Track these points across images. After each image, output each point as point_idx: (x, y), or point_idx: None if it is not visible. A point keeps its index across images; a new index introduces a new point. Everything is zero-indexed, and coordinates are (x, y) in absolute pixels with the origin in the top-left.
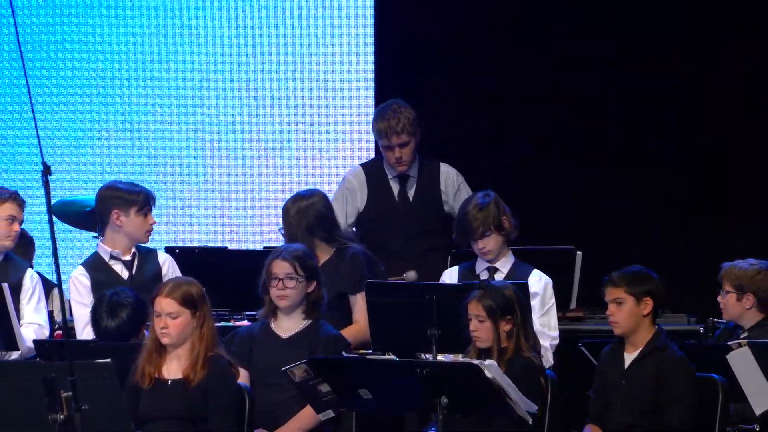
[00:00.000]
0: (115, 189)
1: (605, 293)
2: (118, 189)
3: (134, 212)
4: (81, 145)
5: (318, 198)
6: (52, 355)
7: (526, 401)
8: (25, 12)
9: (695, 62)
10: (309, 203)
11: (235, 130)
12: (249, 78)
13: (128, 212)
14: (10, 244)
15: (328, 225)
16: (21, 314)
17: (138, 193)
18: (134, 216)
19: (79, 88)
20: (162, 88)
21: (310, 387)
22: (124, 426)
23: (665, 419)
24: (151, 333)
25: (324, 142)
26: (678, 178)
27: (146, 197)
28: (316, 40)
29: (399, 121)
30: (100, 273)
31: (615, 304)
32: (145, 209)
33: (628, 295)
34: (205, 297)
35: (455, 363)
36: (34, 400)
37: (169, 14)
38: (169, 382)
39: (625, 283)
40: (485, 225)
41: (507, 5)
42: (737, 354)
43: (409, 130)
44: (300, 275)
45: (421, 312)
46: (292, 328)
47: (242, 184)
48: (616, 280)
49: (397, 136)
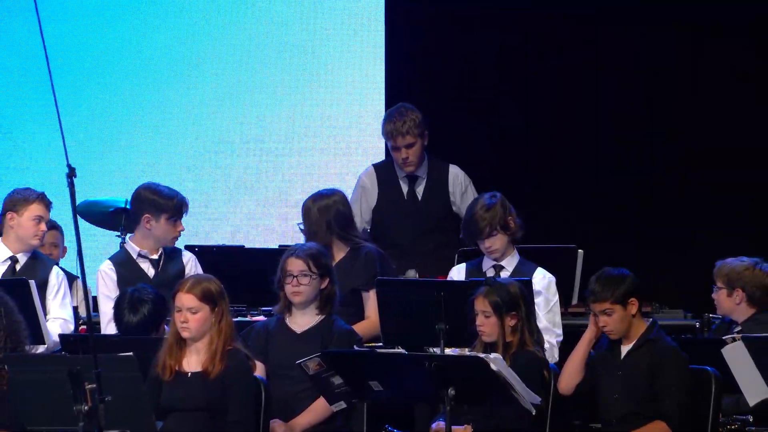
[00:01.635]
0: (151, 192)
1: (591, 307)
2: (154, 192)
3: (165, 219)
4: (104, 147)
5: (339, 197)
6: (76, 349)
7: (529, 393)
8: (50, 19)
9: (692, 68)
10: (330, 202)
11: (250, 135)
12: (265, 86)
13: (159, 218)
14: (37, 243)
15: (346, 224)
16: (47, 309)
17: (171, 200)
18: (164, 222)
19: (102, 93)
20: (182, 93)
21: (324, 379)
22: (145, 416)
23: (660, 406)
24: (172, 327)
25: (334, 146)
26: (675, 179)
27: (178, 205)
28: (331, 51)
29: (405, 123)
30: (127, 269)
31: (605, 315)
32: (176, 217)
33: (614, 304)
34: (224, 293)
35: (462, 356)
36: (60, 391)
37: (190, 21)
38: (189, 374)
39: (608, 294)
40: (492, 225)
41: (512, 17)
42: (731, 348)
43: (414, 132)
44: (314, 272)
45: (429, 307)
46: (306, 323)
47: (257, 185)
48: (598, 294)
49: (403, 137)
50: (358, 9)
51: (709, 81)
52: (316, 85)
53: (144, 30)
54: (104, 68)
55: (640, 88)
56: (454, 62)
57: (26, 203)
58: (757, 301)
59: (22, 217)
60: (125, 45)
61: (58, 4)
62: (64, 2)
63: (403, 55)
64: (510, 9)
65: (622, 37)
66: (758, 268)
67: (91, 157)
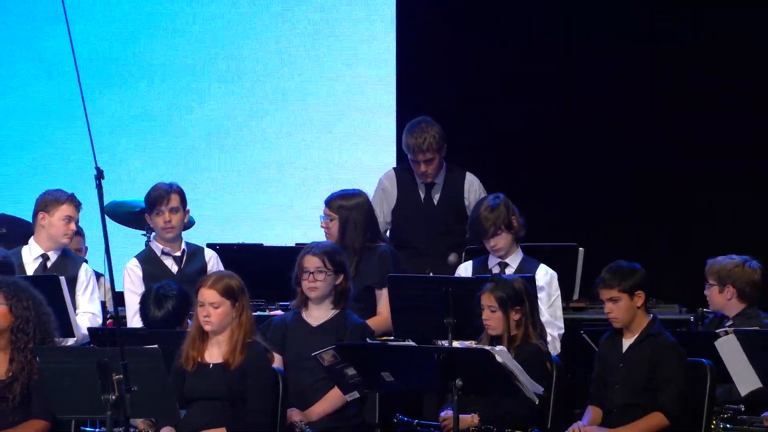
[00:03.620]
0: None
1: (600, 293)
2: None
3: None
4: (130, 150)
5: (364, 198)
6: (104, 342)
7: (533, 383)
8: (79, 26)
9: (693, 69)
10: (357, 202)
11: (268, 140)
12: (286, 92)
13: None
14: (67, 242)
15: (372, 223)
16: (76, 304)
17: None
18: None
19: (127, 99)
20: (202, 97)
21: (338, 370)
22: (169, 405)
23: (658, 397)
24: (195, 321)
25: (348, 149)
26: (672, 181)
27: (150, 200)
28: (345, 55)
29: (425, 140)
30: (152, 266)
31: (611, 302)
32: (155, 210)
33: (621, 293)
34: (244, 289)
35: (469, 349)
36: (89, 382)
37: (209, 27)
38: (210, 365)
39: (617, 282)
40: (496, 225)
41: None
42: (724, 341)
43: (434, 148)
44: (329, 269)
45: (438, 303)
46: (322, 317)
47: (276, 187)
48: (608, 281)
49: (423, 153)
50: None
51: (709, 81)
52: (330, 85)
53: (165, 36)
54: (128, 75)
55: (640, 88)
56: (459, 61)
57: (57, 204)
58: (747, 297)
59: (53, 217)
60: (148, 52)
61: (87, 13)
62: (92, 11)
63: (412, 54)
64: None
65: (627, 33)
66: (747, 265)
67: (117, 159)
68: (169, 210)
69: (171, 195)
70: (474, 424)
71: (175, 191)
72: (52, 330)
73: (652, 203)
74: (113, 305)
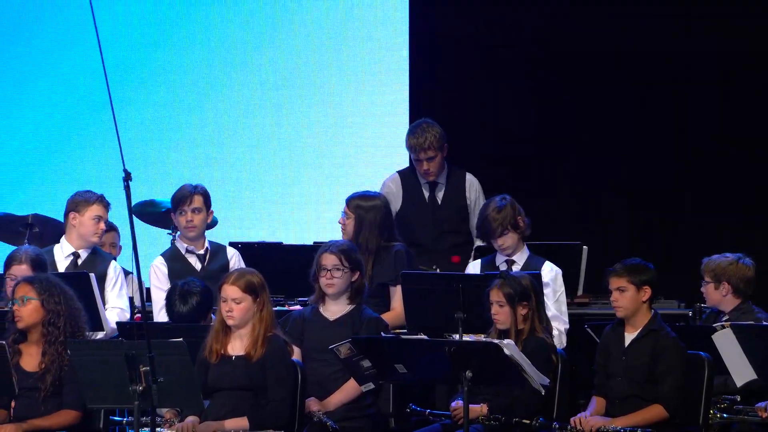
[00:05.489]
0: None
1: (609, 282)
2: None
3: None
4: (156, 152)
5: (382, 201)
6: (132, 335)
7: (539, 375)
8: (106, 30)
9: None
10: (374, 204)
11: (287, 144)
12: (303, 92)
13: (174, 215)
14: (96, 240)
15: (390, 224)
16: (105, 300)
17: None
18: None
19: (153, 104)
20: (224, 100)
21: (354, 362)
22: (194, 395)
23: (658, 388)
24: (218, 315)
25: (361, 153)
26: (672, 182)
27: (175, 200)
28: (358, 59)
29: (426, 139)
30: (177, 263)
31: (618, 291)
32: (179, 210)
33: (629, 283)
34: (265, 285)
35: (478, 342)
36: (117, 373)
37: (229, 32)
38: (233, 357)
39: (627, 273)
40: (503, 225)
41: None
42: (721, 334)
43: (435, 147)
44: (345, 266)
45: (449, 298)
46: (338, 311)
47: (294, 187)
48: (619, 271)
49: (425, 152)
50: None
51: (709, 80)
52: (346, 90)
53: (187, 41)
54: (154, 80)
55: (639, 89)
56: (465, 61)
57: (87, 204)
58: (741, 293)
59: (83, 217)
60: (171, 59)
61: (115, 20)
62: (121, 18)
63: (425, 72)
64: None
65: (634, 30)
66: (741, 262)
67: (145, 161)
68: (192, 210)
69: (194, 196)
70: (483, 413)
71: (199, 193)
72: (83, 324)
73: (653, 203)
74: (141, 300)
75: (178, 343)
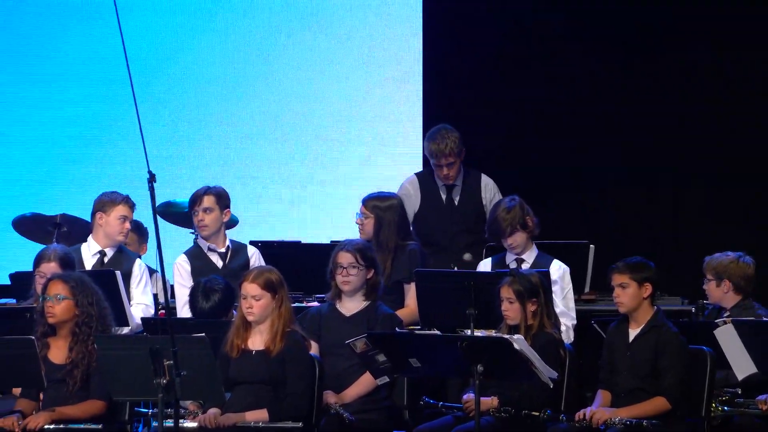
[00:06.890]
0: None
1: (612, 278)
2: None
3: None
4: (180, 153)
5: (398, 201)
6: (156, 330)
7: (548, 369)
8: (129, 32)
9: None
10: (391, 204)
11: (305, 145)
12: (322, 98)
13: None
14: (122, 239)
15: (406, 224)
16: (131, 296)
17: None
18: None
19: (177, 107)
20: (246, 104)
21: (369, 357)
22: (216, 388)
23: (661, 382)
24: (239, 312)
25: (377, 157)
26: (672, 183)
27: (189, 201)
28: (373, 65)
29: (447, 145)
30: (199, 261)
31: (620, 288)
32: (192, 210)
33: (631, 280)
34: (283, 282)
35: (489, 337)
36: (142, 367)
37: (250, 38)
38: (253, 352)
39: (629, 270)
40: (512, 225)
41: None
42: (722, 330)
43: (455, 152)
44: (361, 264)
45: (461, 295)
46: (354, 308)
47: (312, 189)
48: (621, 268)
49: (446, 158)
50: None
51: (709, 81)
52: (362, 92)
53: (209, 47)
54: (178, 83)
55: (640, 89)
56: (474, 63)
57: (113, 204)
58: (742, 290)
59: (109, 217)
60: (195, 62)
61: (140, 25)
62: (146, 23)
63: (438, 76)
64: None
65: (647, 33)
66: (741, 260)
67: (169, 162)
68: (202, 210)
69: (204, 197)
70: (493, 406)
71: (210, 193)
72: (110, 321)
73: (655, 204)
74: (165, 296)
75: (200, 338)
